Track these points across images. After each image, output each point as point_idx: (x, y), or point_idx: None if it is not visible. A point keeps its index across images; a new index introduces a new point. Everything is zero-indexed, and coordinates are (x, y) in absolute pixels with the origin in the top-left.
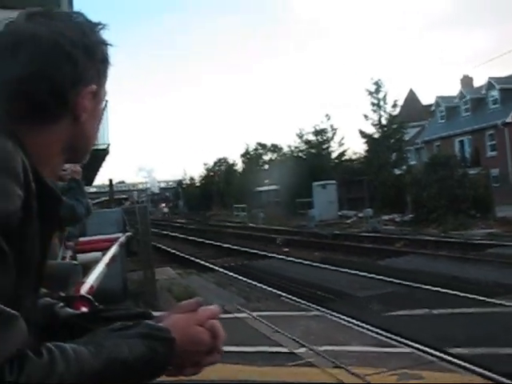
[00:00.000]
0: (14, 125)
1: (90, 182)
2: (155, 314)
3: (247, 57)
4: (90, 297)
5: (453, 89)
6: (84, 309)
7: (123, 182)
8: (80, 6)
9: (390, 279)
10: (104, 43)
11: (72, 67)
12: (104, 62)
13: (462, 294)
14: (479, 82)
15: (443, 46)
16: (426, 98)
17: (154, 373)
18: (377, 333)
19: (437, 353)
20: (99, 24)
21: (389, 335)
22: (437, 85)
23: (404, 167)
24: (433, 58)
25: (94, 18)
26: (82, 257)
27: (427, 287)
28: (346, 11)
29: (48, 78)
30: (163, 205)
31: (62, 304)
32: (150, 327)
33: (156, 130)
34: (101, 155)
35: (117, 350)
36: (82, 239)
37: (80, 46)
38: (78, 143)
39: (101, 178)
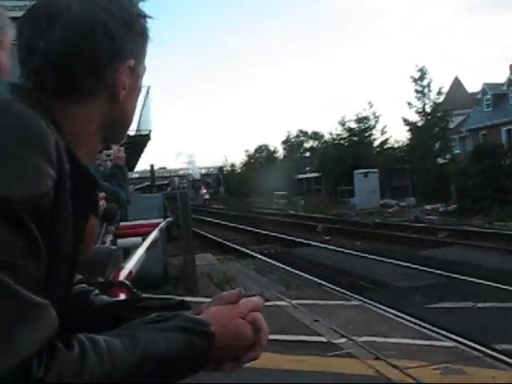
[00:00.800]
0: (48, 101)
1: (131, 168)
2: (194, 303)
3: (289, 44)
4: (128, 283)
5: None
6: (122, 295)
7: (164, 168)
8: None
9: (433, 270)
10: (143, 16)
11: (109, 41)
12: (143, 35)
13: (507, 287)
14: None
15: (491, 32)
16: (472, 86)
17: (192, 369)
18: (419, 325)
19: (482, 348)
20: None
21: (431, 328)
22: (484, 72)
23: (448, 156)
24: (480, 44)
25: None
26: (122, 241)
27: (471, 279)
28: None
29: (84, 51)
30: (204, 191)
31: (97, 291)
32: (189, 320)
33: (198, 116)
34: (143, 141)
35: (153, 344)
36: (123, 224)
37: (118, 19)
38: (116, 122)
39: (143, 164)
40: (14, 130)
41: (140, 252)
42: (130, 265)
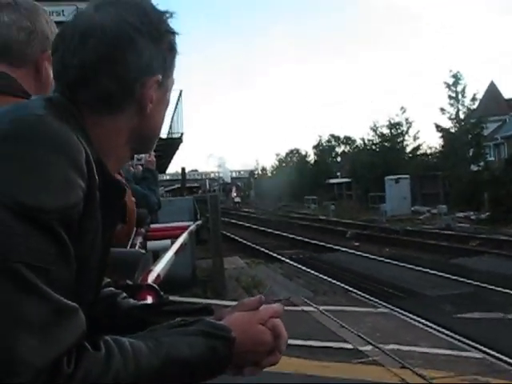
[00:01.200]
0: (80, 114)
1: (163, 170)
2: (222, 306)
3: (321, 48)
4: (155, 286)
5: None
6: (150, 298)
7: (196, 171)
8: None
9: (463, 279)
10: (171, 32)
11: (137, 56)
12: (171, 50)
13: None
14: None
15: None
16: (509, 92)
17: (213, 372)
18: (447, 334)
19: (510, 360)
20: (167, 12)
21: (459, 338)
22: None
23: (482, 163)
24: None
25: (166, 7)
26: (151, 244)
27: (502, 290)
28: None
29: (114, 67)
30: (235, 194)
31: (124, 294)
32: (211, 325)
33: (229, 119)
34: (175, 144)
35: (176, 348)
36: (153, 226)
37: (146, 35)
38: (144, 134)
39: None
40: (46, 143)
41: (169, 255)
42: (159, 268)
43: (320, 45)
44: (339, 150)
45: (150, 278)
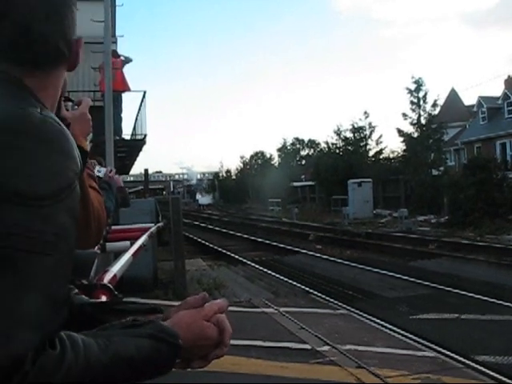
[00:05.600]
0: (28, 79)
1: (127, 171)
2: (167, 308)
3: (288, 53)
4: (110, 286)
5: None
6: (103, 297)
7: (160, 172)
8: None
9: (421, 281)
10: None
11: (72, 17)
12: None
13: (494, 301)
14: None
15: (488, 45)
16: (469, 98)
17: (158, 372)
18: (403, 335)
19: (462, 359)
20: None
21: (415, 338)
22: (480, 85)
23: (442, 168)
24: (478, 58)
25: None
26: (110, 245)
27: (458, 291)
28: (389, 6)
29: (61, 26)
30: (199, 196)
31: (76, 290)
32: (160, 329)
33: (194, 121)
34: (138, 145)
35: (124, 347)
36: (113, 228)
37: None
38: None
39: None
40: (34, 134)
41: (126, 256)
42: (115, 268)
43: (288, 48)
44: (303, 153)
45: (106, 278)
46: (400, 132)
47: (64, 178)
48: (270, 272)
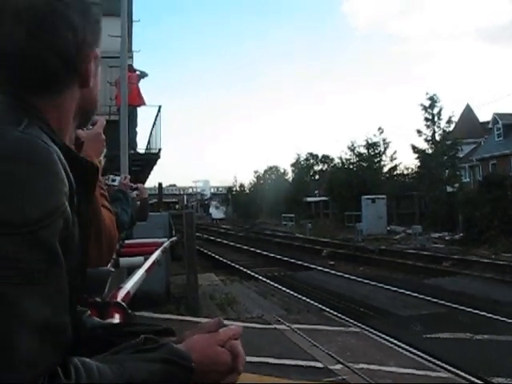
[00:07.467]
0: (32, 100)
1: None
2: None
3: (302, 68)
4: (123, 304)
5: None
6: (117, 315)
7: (174, 186)
8: None
9: (435, 300)
10: (94, 3)
11: (72, 31)
12: (98, 23)
13: (507, 320)
14: None
15: (504, 61)
16: (484, 115)
17: None
18: (416, 354)
19: (477, 380)
20: None
21: (428, 358)
22: (496, 102)
23: (457, 185)
24: (493, 74)
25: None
26: (124, 261)
27: (473, 310)
28: (404, 22)
29: (52, 44)
30: (213, 210)
31: (89, 313)
32: (171, 352)
33: (209, 136)
34: (153, 159)
35: (137, 373)
36: (127, 242)
37: (76, 9)
38: (87, 108)
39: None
40: (22, 158)
41: (140, 272)
42: (129, 285)
43: (303, 62)
44: (317, 168)
45: (120, 296)
46: (414, 148)
47: (51, 200)
48: (282, 288)
